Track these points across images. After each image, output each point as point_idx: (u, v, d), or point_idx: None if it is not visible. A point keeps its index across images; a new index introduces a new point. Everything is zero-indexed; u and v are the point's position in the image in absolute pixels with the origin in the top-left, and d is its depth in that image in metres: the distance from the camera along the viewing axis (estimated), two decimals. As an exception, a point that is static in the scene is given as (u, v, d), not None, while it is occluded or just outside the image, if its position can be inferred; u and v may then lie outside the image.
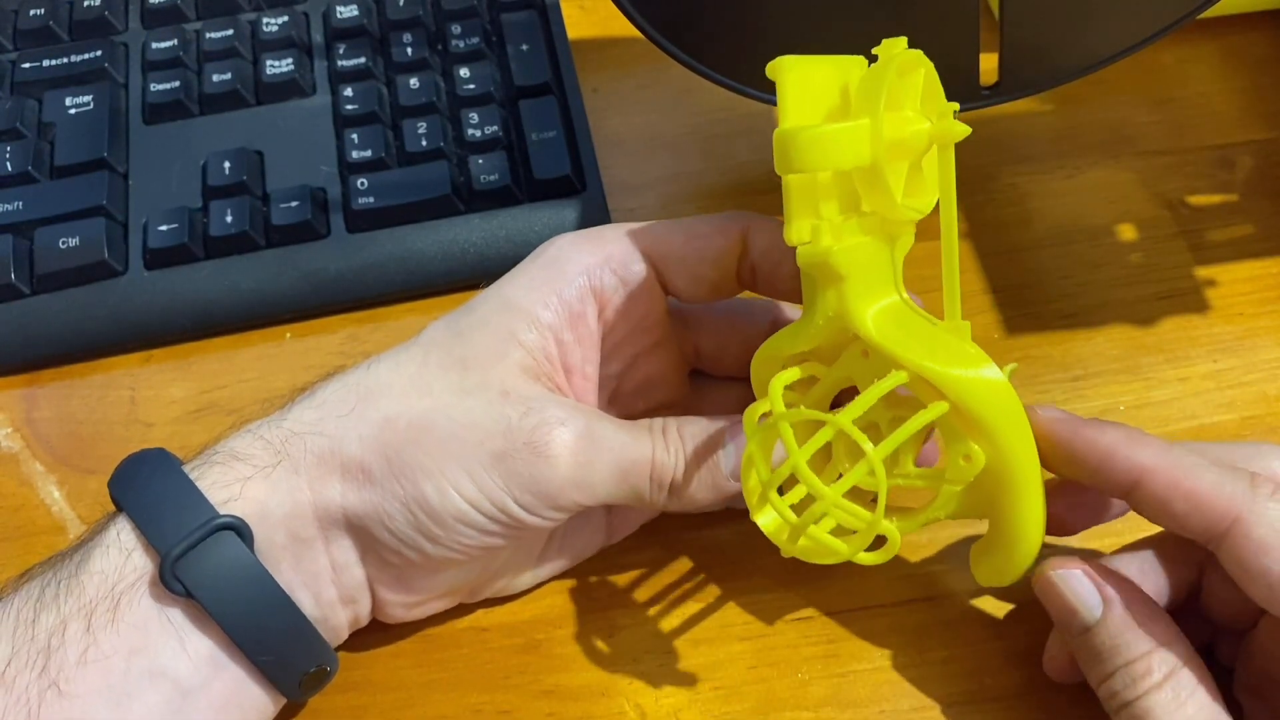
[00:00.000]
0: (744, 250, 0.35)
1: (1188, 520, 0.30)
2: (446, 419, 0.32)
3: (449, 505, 0.31)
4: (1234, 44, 0.50)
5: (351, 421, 0.32)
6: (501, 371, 0.33)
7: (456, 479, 0.31)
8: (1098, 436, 0.31)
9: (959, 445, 0.31)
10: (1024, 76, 0.40)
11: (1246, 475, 0.29)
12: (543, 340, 0.33)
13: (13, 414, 0.43)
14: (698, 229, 0.35)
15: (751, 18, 0.39)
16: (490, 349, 0.33)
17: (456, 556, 0.33)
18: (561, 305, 0.34)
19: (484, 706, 0.35)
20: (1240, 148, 0.47)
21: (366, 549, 0.33)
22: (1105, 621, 0.31)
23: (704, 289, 0.35)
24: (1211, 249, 0.44)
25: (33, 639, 0.30)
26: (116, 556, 0.31)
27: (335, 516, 0.32)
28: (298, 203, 0.45)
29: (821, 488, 0.30)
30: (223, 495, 0.31)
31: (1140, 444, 0.30)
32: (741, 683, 0.35)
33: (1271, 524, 0.28)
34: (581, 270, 0.34)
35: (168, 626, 0.31)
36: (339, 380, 0.33)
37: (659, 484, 0.33)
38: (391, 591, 0.34)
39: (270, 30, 0.50)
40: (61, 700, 0.29)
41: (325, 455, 0.32)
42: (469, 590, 0.36)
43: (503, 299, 0.34)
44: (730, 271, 0.35)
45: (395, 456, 0.31)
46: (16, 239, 0.44)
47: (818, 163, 0.28)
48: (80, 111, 0.48)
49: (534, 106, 0.47)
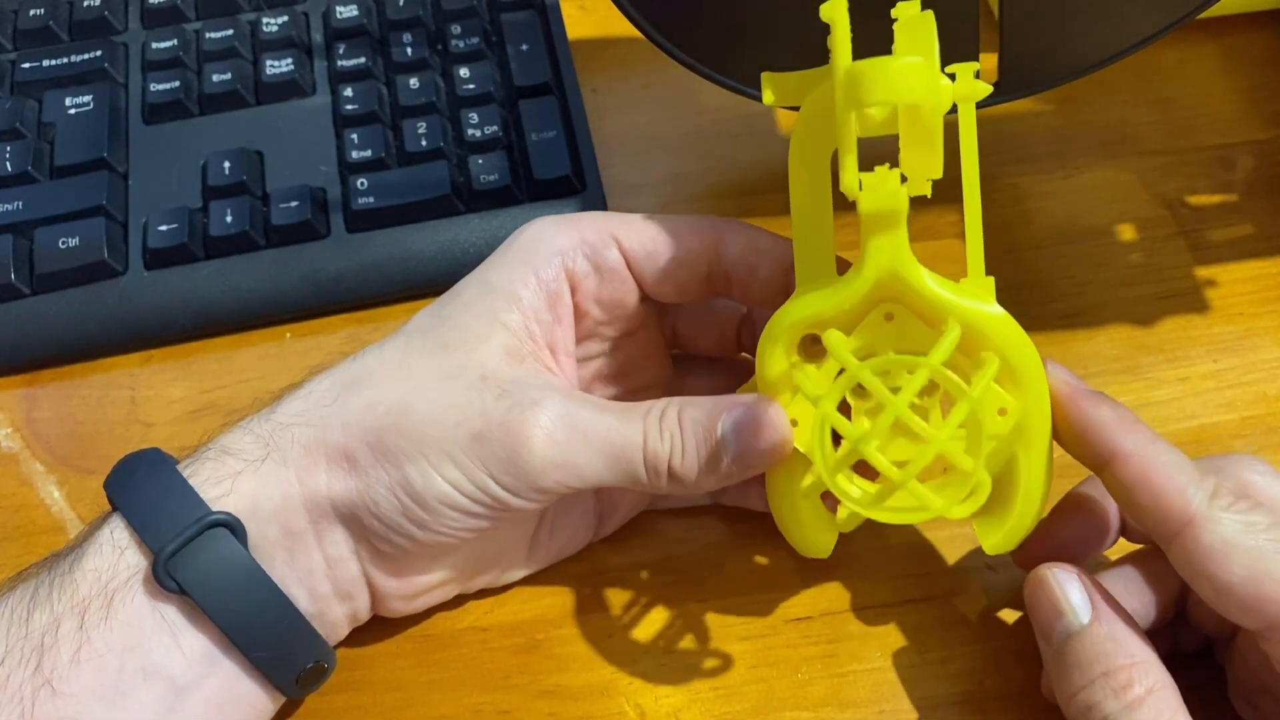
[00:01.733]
0: (717, 256, 0.35)
1: (1146, 513, 0.30)
2: (425, 401, 0.32)
3: (433, 488, 0.31)
4: (1234, 44, 0.50)
5: (336, 410, 0.32)
6: (483, 354, 0.33)
7: (438, 462, 0.31)
8: (1092, 411, 0.31)
9: (994, 398, 0.31)
10: (1024, 76, 0.40)
11: (1212, 483, 0.30)
12: (525, 320, 0.34)
13: (13, 414, 0.43)
14: (673, 227, 0.35)
15: (751, 18, 0.39)
16: (472, 331, 0.33)
17: (447, 541, 0.33)
18: (540, 285, 0.34)
19: (484, 706, 0.35)
20: (1240, 148, 0.47)
21: (359, 539, 0.33)
22: (1093, 627, 0.31)
23: (670, 287, 0.35)
24: (1211, 249, 0.44)
25: (26, 637, 0.30)
26: (110, 554, 0.31)
27: (324, 507, 0.32)
28: (297, 203, 0.45)
29: (930, 430, 0.30)
30: (215, 491, 0.31)
31: (1127, 429, 0.31)
32: (741, 683, 0.35)
33: (1221, 533, 0.29)
34: (556, 251, 0.34)
35: (161, 624, 0.31)
36: (327, 373, 0.34)
37: (654, 468, 0.33)
38: (388, 582, 0.34)
39: (270, 30, 0.50)
40: (55, 699, 0.29)
41: (311, 445, 0.32)
42: (465, 578, 0.36)
43: (483, 282, 0.34)
44: (699, 274, 0.35)
45: (377, 441, 0.32)
46: (16, 239, 0.44)
47: (887, 95, 0.28)
48: (80, 111, 0.48)
49: (534, 106, 0.47)
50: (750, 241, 0.35)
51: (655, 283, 0.35)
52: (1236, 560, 0.28)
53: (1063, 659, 0.31)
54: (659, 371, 0.38)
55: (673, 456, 0.32)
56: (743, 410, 0.32)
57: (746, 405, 0.32)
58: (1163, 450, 0.30)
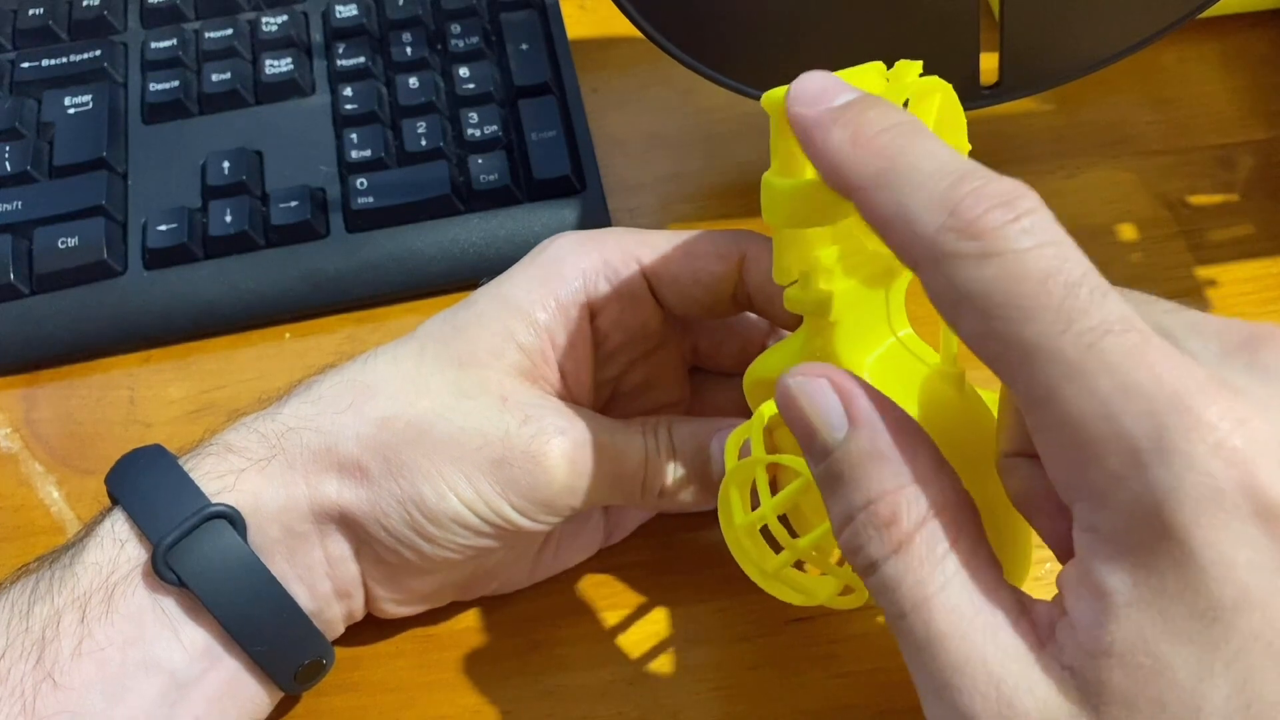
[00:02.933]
0: (741, 276, 0.34)
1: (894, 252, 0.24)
2: (445, 422, 0.32)
3: (446, 507, 0.31)
4: (1234, 44, 0.50)
5: (348, 418, 0.32)
6: (498, 373, 0.33)
7: (454, 482, 0.31)
8: (824, 137, 0.25)
9: None
10: (1024, 76, 0.40)
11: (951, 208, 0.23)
12: (539, 342, 0.33)
13: (12, 414, 0.43)
14: (696, 248, 0.34)
15: (752, 17, 0.39)
16: (487, 348, 0.33)
17: (451, 556, 0.33)
18: (558, 308, 0.33)
19: (484, 706, 0.35)
20: (1240, 148, 0.47)
21: (361, 545, 0.33)
22: (847, 445, 0.25)
23: (695, 309, 0.35)
24: (1211, 249, 0.44)
25: (27, 630, 0.30)
26: (110, 548, 0.31)
27: (331, 513, 0.32)
28: (297, 202, 0.45)
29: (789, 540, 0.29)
30: (216, 486, 0.31)
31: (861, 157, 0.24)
32: (741, 683, 0.35)
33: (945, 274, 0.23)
34: (578, 274, 0.34)
35: (162, 618, 0.31)
36: (335, 374, 0.33)
37: (649, 487, 0.33)
38: (384, 589, 0.34)
39: (270, 30, 0.50)
40: (57, 692, 0.29)
41: (321, 452, 0.32)
42: (462, 590, 0.36)
43: (501, 297, 0.34)
44: (724, 296, 0.34)
45: (394, 456, 0.31)
46: (16, 239, 0.44)
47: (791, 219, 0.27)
48: (79, 111, 0.48)
49: (534, 106, 0.47)
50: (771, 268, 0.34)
51: (678, 303, 0.35)
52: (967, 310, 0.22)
53: (823, 489, 0.25)
54: (678, 390, 0.38)
55: (669, 475, 0.33)
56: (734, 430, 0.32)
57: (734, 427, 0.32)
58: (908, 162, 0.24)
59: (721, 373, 0.38)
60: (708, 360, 0.38)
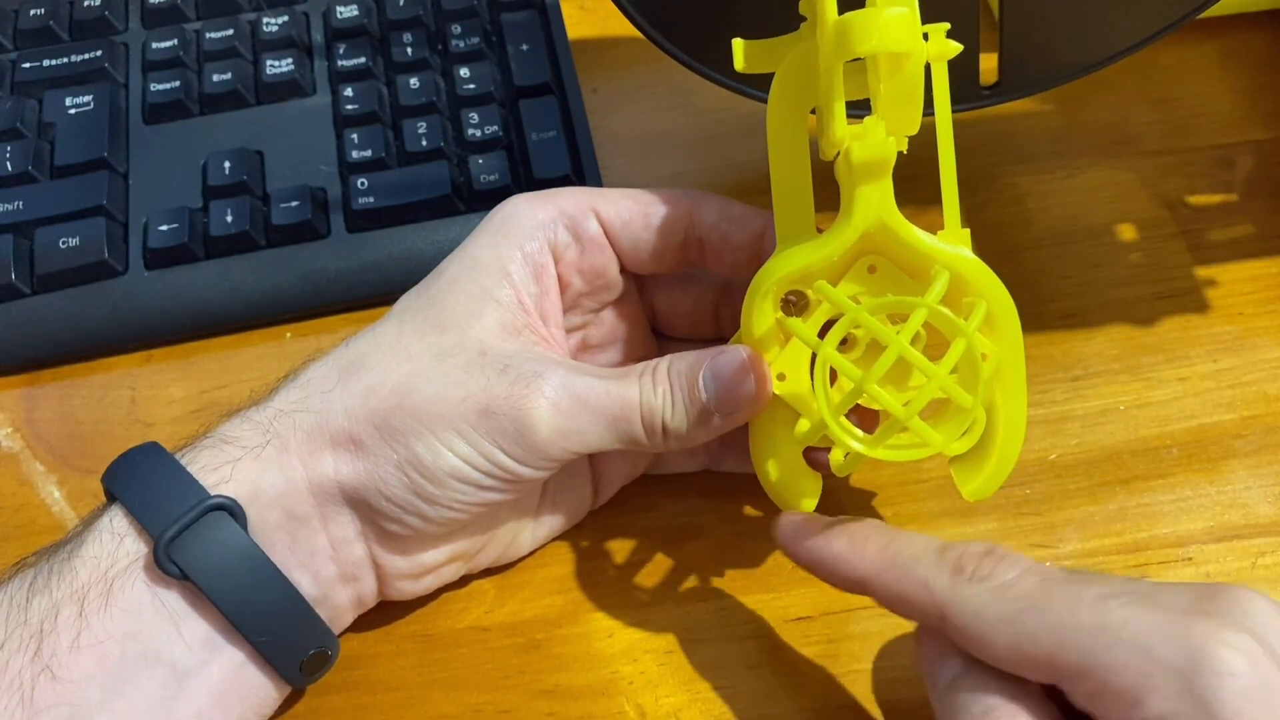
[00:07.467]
0: (691, 223, 0.36)
1: (913, 619, 0.31)
2: (428, 380, 0.32)
3: (443, 463, 0.32)
4: (1234, 44, 0.50)
5: (336, 395, 0.33)
6: (479, 331, 0.33)
7: (447, 438, 0.32)
8: (825, 547, 0.32)
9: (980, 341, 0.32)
10: (1024, 76, 0.40)
11: (954, 557, 0.30)
12: (516, 294, 0.34)
13: (13, 414, 0.43)
14: (647, 198, 0.36)
15: (751, 18, 0.39)
16: (465, 309, 0.34)
17: (456, 516, 0.33)
18: (525, 259, 0.35)
19: (484, 706, 0.35)
20: (1240, 148, 0.47)
21: (366, 521, 0.33)
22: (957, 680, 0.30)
23: (647, 256, 0.36)
24: (1211, 249, 0.44)
25: (25, 623, 0.30)
26: (109, 542, 0.31)
27: (331, 491, 0.32)
28: (298, 202, 0.45)
29: (932, 367, 0.29)
30: (214, 478, 0.31)
31: (861, 552, 0.31)
32: (741, 683, 0.35)
33: (972, 610, 0.29)
34: (538, 225, 0.35)
35: (163, 610, 0.31)
36: (321, 360, 0.34)
37: (650, 427, 0.33)
38: (395, 561, 0.34)
39: (270, 30, 0.50)
40: (55, 684, 0.29)
41: (313, 431, 0.32)
42: (471, 554, 0.36)
43: (469, 259, 0.35)
44: (674, 243, 0.36)
45: (384, 424, 0.32)
46: (16, 239, 0.44)
47: (877, 44, 0.29)
48: (80, 111, 0.48)
49: (534, 106, 0.47)
50: (723, 209, 0.36)
51: (633, 251, 0.36)
52: (997, 633, 0.28)
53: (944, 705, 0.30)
54: (644, 349, 0.39)
55: (664, 411, 0.33)
56: (722, 356, 0.33)
57: (725, 351, 0.33)
58: (903, 551, 0.31)
59: (678, 338, 0.40)
60: (665, 322, 0.40)
